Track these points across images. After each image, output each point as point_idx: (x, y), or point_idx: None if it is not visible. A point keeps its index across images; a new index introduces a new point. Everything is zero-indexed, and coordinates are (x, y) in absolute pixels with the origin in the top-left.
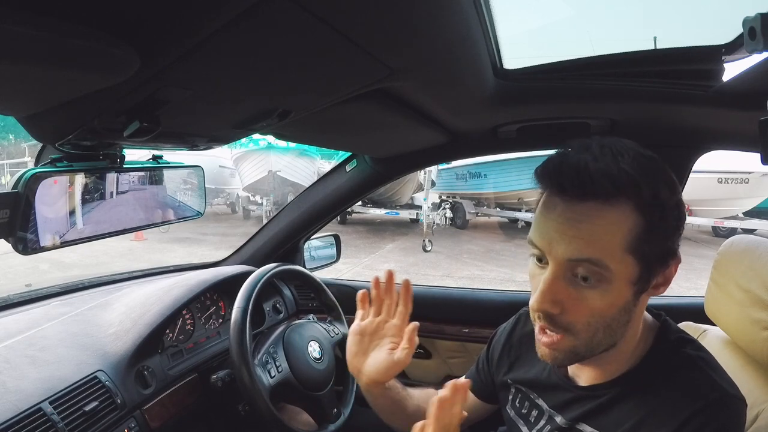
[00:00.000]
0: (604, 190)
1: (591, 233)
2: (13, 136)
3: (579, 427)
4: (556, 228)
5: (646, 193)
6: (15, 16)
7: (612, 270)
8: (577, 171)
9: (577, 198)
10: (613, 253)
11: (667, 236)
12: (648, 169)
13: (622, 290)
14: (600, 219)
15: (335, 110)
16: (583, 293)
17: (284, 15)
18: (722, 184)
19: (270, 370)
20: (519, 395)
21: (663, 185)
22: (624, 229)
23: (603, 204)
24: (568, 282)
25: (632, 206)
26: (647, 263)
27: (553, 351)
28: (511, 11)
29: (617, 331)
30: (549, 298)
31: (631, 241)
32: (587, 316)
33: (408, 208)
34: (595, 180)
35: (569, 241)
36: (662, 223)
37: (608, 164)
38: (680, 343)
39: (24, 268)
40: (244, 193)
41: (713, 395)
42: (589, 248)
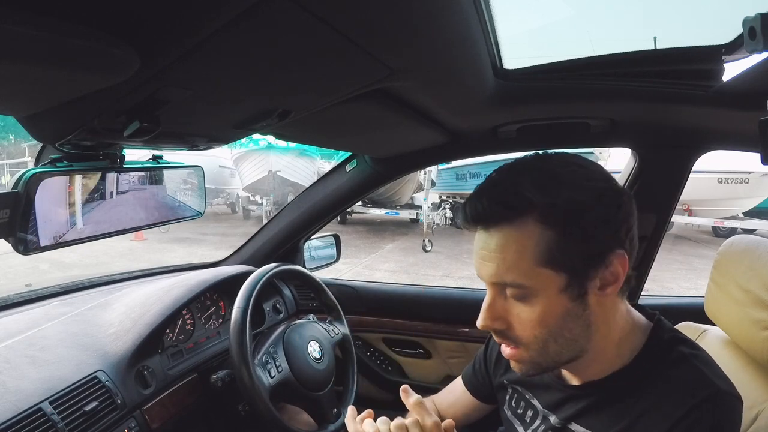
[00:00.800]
0: (499, 215)
1: (501, 257)
2: (13, 136)
3: (571, 427)
4: (479, 255)
5: (544, 206)
6: (15, 16)
7: (529, 287)
8: (476, 206)
9: (484, 227)
10: (524, 272)
11: (589, 237)
12: (549, 181)
13: (552, 301)
14: (506, 241)
15: (335, 110)
16: (516, 308)
17: (284, 15)
18: (722, 184)
19: (270, 370)
20: (515, 395)
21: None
22: (530, 246)
23: (507, 226)
24: (504, 299)
25: (533, 221)
26: (571, 270)
27: (518, 363)
28: (511, 11)
29: (575, 339)
30: (489, 315)
31: (542, 255)
32: (530, 329)
33: (408, 208)
34: (489, 209)
35: (486, 267)
36: (575, 228)
37: (501, 189)
38: (674, 342)
39: (24, 268)
40: (244, 193)
41: (707, 392)
42: (500, 272)
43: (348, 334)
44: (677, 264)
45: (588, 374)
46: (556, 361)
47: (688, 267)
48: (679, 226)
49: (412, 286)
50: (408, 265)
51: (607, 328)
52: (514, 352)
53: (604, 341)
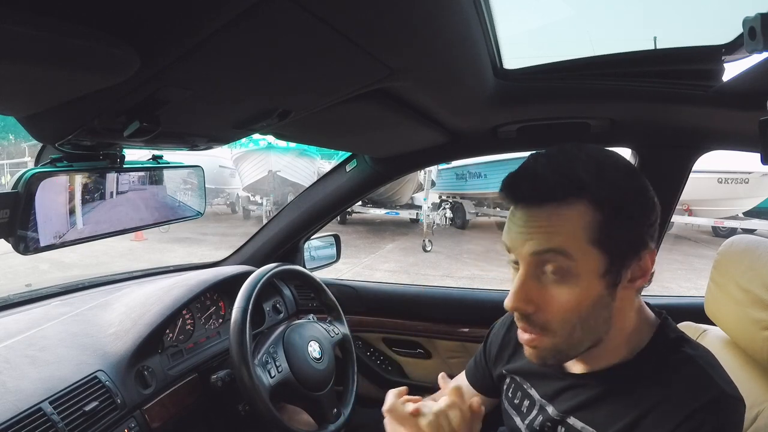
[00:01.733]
0: (554, 194)
1: (551, 227)
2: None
3: (569, 421)
4: (519, 230)
5: (597, 189)
6: (15, 16)
7: (576, 260)
8: (530, 179)
9: (534, 205)
10: (575, 244)
11: (630, 227)
12: (600, 166)
13: (591, 283)
14: (558, 216)
15: (335, 110)
16: (553, 290)
17: (284, 15)
18: (722, 184)
19: (270, 370)
20: (513, 385)
21: (617, 179)
22: (582, 224)
23: (558, 206)
24: (538, 280)
25: (586, 203)
26: (613, 255)
27: (536, 350)
28: (511, 11)
29: (598, 328)
30: (521, 297)
31: (592, 234)
32: (561, 312)
33: (408, 208)
34: (548, 185)
35: (532, 236)
36: (621, 215)
37: (558, 168)
38: (679, 342)
39: (24, 268)
40: (244, 193)
41: (711, 395)
42: (551, 239)
43: (348, 334)
44: (677, 264)
45: (591, 363)
46: (576, 350)
47: (688, 267)
48: (679, 226)
49: (412, 286)
50: (408, 265)
51: (623, 321)
52: (535, 338)
53: (619, 334)
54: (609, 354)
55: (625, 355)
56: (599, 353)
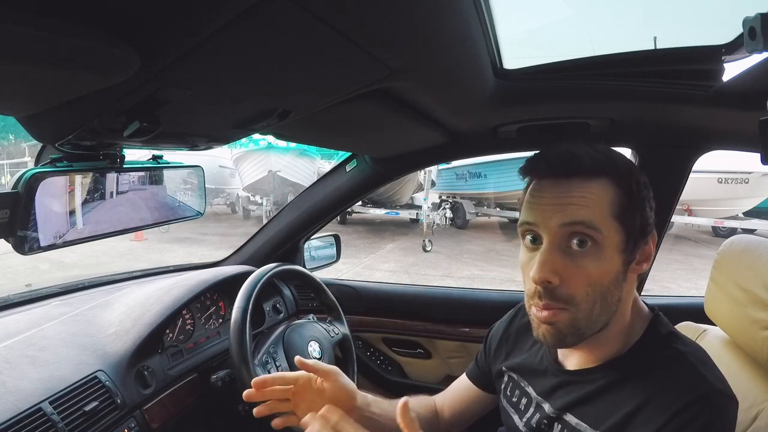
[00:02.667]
0: (586, 168)
1: (581, 200)
2: (13, 136)
3: (565, 418)
4: (548, 202)
5: (621, 169)
6: (15, 16)
7: (603, 233)
8: (562, 155)
9: (564, 176)
10: (602, 217)
11: (642, 208)
12: (617, 153)
13: (613, 257)
14: (586, 190)
15: (335, 110)
16: (578, 261)
17: (284, 15)
18: (722, 184)
19: (270, 370)
20: (511, 383)
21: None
22: (607, 199)
23: (587, 179)
24: (564, 253)
25: (611, 181)
26: (631, 232)
27: (554, 327)
28: (511, 11)
29: (611, 307)
30: (548, 268)
31: (615, 209)
32: (585, 285)
33: (408, 208)
34: (579, 160)
35: (562, 209)
36: (638, 194)
37: (587, 150)
38: (671, 338)
39: (24, 268)
40: (244, 193)
41: (701, 391)
42: (581, 212)
43: (348, 334)
44: (677, 264)
45: (587, 358)
46: (592, 328)
47: (688, 267)
48: (679, 226)
49: (412, 286)
50: (408, 265)
51: (625, 308)
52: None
53: (619, 320)
54: (605, 348)
55: (620, 348)
56: (600, 346)
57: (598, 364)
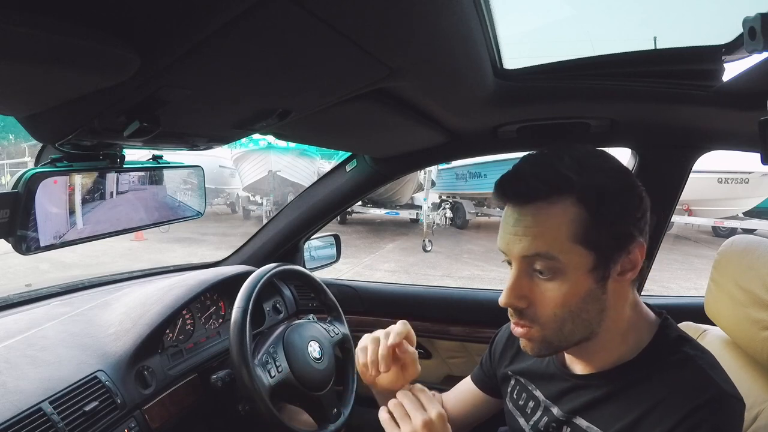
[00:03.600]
0: (539, 192)
1: (536, 230)
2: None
3: (575, 421)
4: (510, 231)
5: (580, 186)
6: (15, 16)
7: (562, 261)
8: (514, 180)
9: (521, 203)
10: (560, 246)
11: (615, 223)
12: (583, 164)
13: (579, 280)
14: (542, 216)
15: (335, 110)
16: (542, 286)
17: (284, 15)
18: (722, 184)
19: (270, 370)
20: (517, 387)
21: (600, 176)
22: (566, 222)
23: (544, 203)
24: (529, 278)
25: (571, 201)
26: (600, 251)
27: (529, 342)
28: (511, 11)
29: (590, 321)
30: (514, 294)
31: (576, 232)
32: (551, 307)
33: (408, 208)
34: (529, 184)
35: (520, 240)
36: (605, 210)
37: (542, 168)
38: (680, 342)
39: (24, 268)
40: (244, 193)
41: (710, 394)
42: (536, 244)
43: (348, 334)
44: (677, 264)
45: (594, 363)
46: (568, 341)
47: (688, 267)
48: (679, 226)
49: (412, 286)
50: (408, 265)
51: (617, 314)
52: (527, 330)
53: (613, 327)
54: (609, 352)
55: (626, 354)
56: (595, 349)
57: (607, 368)
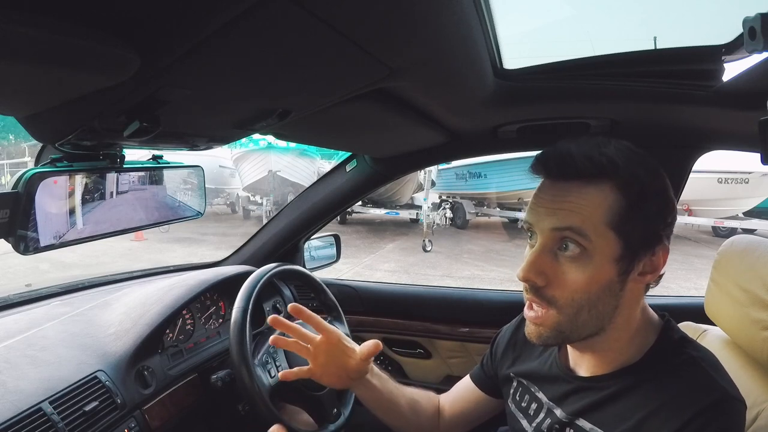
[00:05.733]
0: (584, 170)
1: (574, 206)
2: (13, 136)
3: (578, 423)
4: (544, 203)
5: (625, 174)
6: (15, 16)
7: (593, 241)
8: (561, 155)
9: (561, 178)
10: (594, 225)
11: (649, 220)
12: (629, 155)
13: (603, 266)
14: (582, 195)
15: (335, 110)
16: (565, 266)
17: (284, 15)
18: (722, 184)
19: (270, 370)
20: (520, 388)
21: (643, 170)
22: (605, 206)
23: (585, 183)
24: (552, 255)
25: (612, 186)
26: (629, 243)
27: (539, 327)
28: (511, 11)
29: (603, 315)
30: (534, 269)
31: (612, 218)
32: (570, 291)
33: (408, 208)
34: (576, 161)
35: (554, 212)
36: (643, 204)
37: (589, 149)
38: (683, 344)
39: (24, 268)
40: (244, 193)
41: (714, 396)
42: (571, 217)
43: (348, 334)
44: (677, 264)
45: (599, 364)
46: (578, 333)
47: (688, 267)
48: (679, 226)
49: (412, 286)
50: (408, 265)
51: (629, 315)
52: (541, 314)
53: (622, 327)
54: (614, 353)
55: (631, 356)
56: (606, 351)
57: (611, 371)
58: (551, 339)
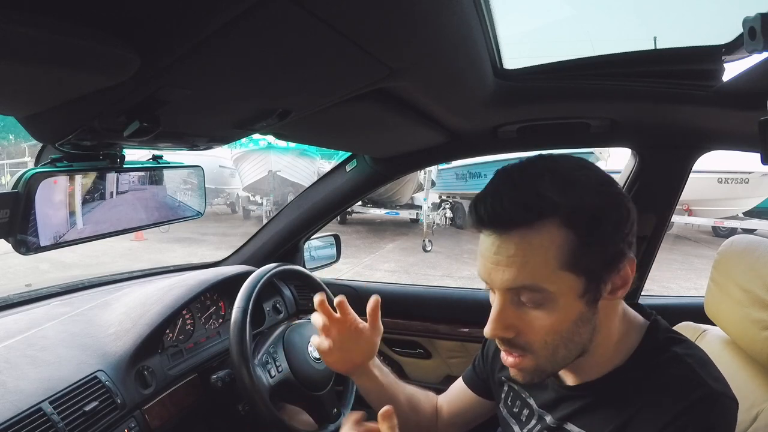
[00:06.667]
0: (522, 220)
1: (521, 260)
2: (13, 136)
3: (567, 427)
4: (491, 260)
5: (567, 208)
6: (15, 16)
7: (551, 291)
8: (493, 208)
9: (501, 231)
10: (547, 275)
11: (606, 243)
12: (567, 184)
13: (569, 305)
14: (526, 245)
15: (335, 110)
16: (531, 315)
17: (284, 15)
18: (722, 184)
19: (270, 370)
20: (511, 393)
21: (587, 194)
22: (553, 249)
23: (527, 230)
24: (516, 305)
25: (557, 224)
26: (591, 275)
27: (520, 371)
28: (511, 11)
29: (581, 343)
30: (500, 325)
31: (566, 259)
32: (542, 335)
33: (408, 208)
34: (511, 212)
35: (503, 271)
36: (595, 231)
37: (523, 193)
38: (669, 342)
39: (24, 268)
40: (244, 193)
41: (699, 393)
42: (522, 274)
43: None
44: (677, 264)
45: (584, 374)
46: (560, 366)
47: (688, 267)
48: (679, 226)
49: (412, 286)
50: (408, 265)
51: (608, 329)
52: (518, 360)
53: (605, 342)
54: (600, 365)
55: (616, 362)
56: (590, 365)
57: (597, 377)
58: (535, 378)
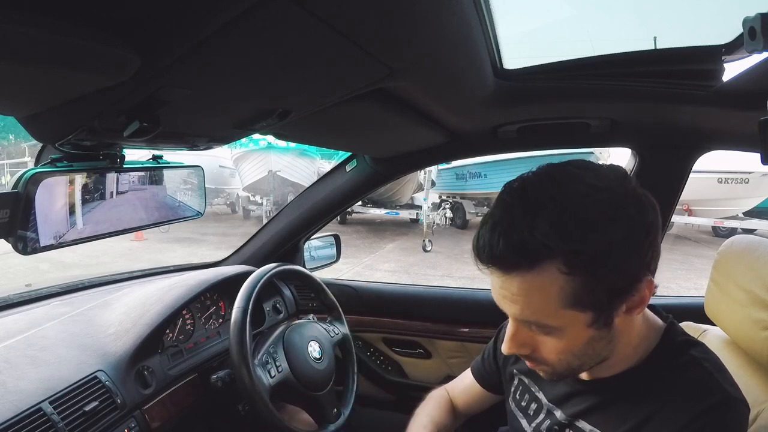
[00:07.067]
0: (518, 263)
1: (523, 299)
2: (13, 136)
3: (578, 424)
4: (499, 293)
5: (565, 250)
6: (15, 16)
7: (555, 326)
8: (491, 250)
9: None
10: (551, 314)
11: (617, 274)
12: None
13: (579, 333)
14: (527, 286)
15: (335, 110)
16: (542, 338)
17: (284, 15)
18: (722, 184)
19: (270, 370)
20: (521, 387)
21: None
22: (554, 291)
23: (526, 271)
24: (528, 329)
25: (556, 266)
26: (598, 308)
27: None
28: (511, 11)
29: (599, 354)
30: (515, 344)
31: (568, 300)
32: (555, 354)
33: (408, 208)
34: (507, 255)
35: (510, 305)
36: (600, 269)
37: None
38: (686, 345)
39: (24, 268)
40: (244, 193)
41: (716, 398)
42: (526, 311)
43: (348, 334)
44: (677, 264)
45: (600, 371)
46: (582, 369)
47: (688, 267)
48: (679, 226)
49: (412, 286)
50: (408, 265)
51: (628, 336)
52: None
53: (625, 347)
54: (618, 363)
55: (633, 360)
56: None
57: (613, 374)
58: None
